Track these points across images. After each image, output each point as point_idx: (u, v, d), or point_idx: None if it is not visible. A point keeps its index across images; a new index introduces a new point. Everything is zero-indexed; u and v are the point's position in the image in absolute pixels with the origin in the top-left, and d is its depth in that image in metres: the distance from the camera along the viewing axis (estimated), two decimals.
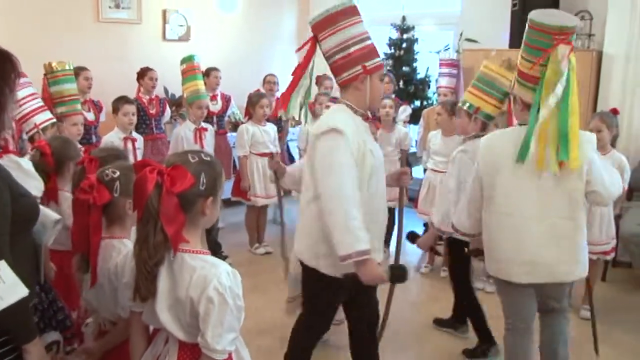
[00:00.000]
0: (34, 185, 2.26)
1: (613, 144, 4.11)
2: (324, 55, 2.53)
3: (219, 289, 1.61)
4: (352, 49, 2.42)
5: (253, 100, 5.12)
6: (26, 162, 2.30)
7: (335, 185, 2.32)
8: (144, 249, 1.65)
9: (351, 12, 2.47)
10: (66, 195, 2.68)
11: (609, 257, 4.17)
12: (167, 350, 1.77)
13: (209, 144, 5.02)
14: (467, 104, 3.38)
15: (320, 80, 5.62)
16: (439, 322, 3.91)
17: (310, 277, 2.58)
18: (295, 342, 2.79)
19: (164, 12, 6.57)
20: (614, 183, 2.70)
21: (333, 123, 2.40)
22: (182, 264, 1.68)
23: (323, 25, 2.45)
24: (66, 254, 2.62)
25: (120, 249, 2.08)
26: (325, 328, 2.83)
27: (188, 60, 5.05)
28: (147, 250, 1.64)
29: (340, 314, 2.90)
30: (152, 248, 1.64)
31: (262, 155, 5.05)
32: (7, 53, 1.76)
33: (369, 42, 2.48)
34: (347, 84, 2.49)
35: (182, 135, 4.92)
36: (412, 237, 3.45)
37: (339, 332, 3.33)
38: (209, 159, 1.75)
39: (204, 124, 5.06)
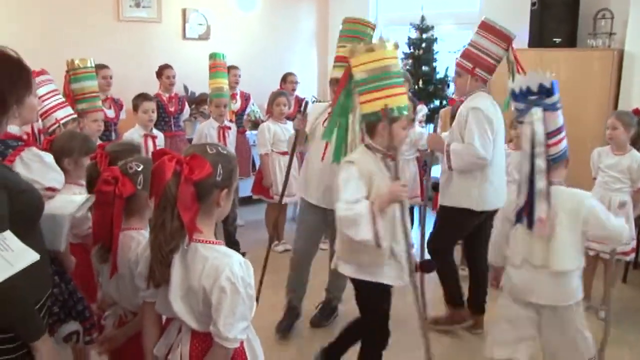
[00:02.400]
0: (53, 177, 2.30)
1: (634, 144, 4.06)
2: (491, 54, 3.65)
3: (231, 278, 1.63)
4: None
5: (271, 98, 5.17)
6: (48, 155, 2.35)
7: None
8: (160, 234, 1.67)
9: None
10: (72, 188, 2.66)
11: (629, 258, 4.11)
12: (180, 339, 1.79)
13: (231, 142, 5.05)
14: None
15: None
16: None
17: None
18: None
19: (184, 11, 6.63)
20: None
21: None
22: (195, 254, 1.70)
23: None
24: (82, 247, 2.66)
25: (139, 240, 2.08)
26: None
27: (214, 57, 5.09)
28: (164, 235, 1.66)
29: None
30: (169, 234, 1.66)
31: (284, 154, 5.03)
32: (18, 61, 1.81)
33: None
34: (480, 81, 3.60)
35: (206, 133, 4.96)
36: (428, 267, 3.08)
37: None
38: (225, 152, 1.77)
39: (227, 123, 5.08)
